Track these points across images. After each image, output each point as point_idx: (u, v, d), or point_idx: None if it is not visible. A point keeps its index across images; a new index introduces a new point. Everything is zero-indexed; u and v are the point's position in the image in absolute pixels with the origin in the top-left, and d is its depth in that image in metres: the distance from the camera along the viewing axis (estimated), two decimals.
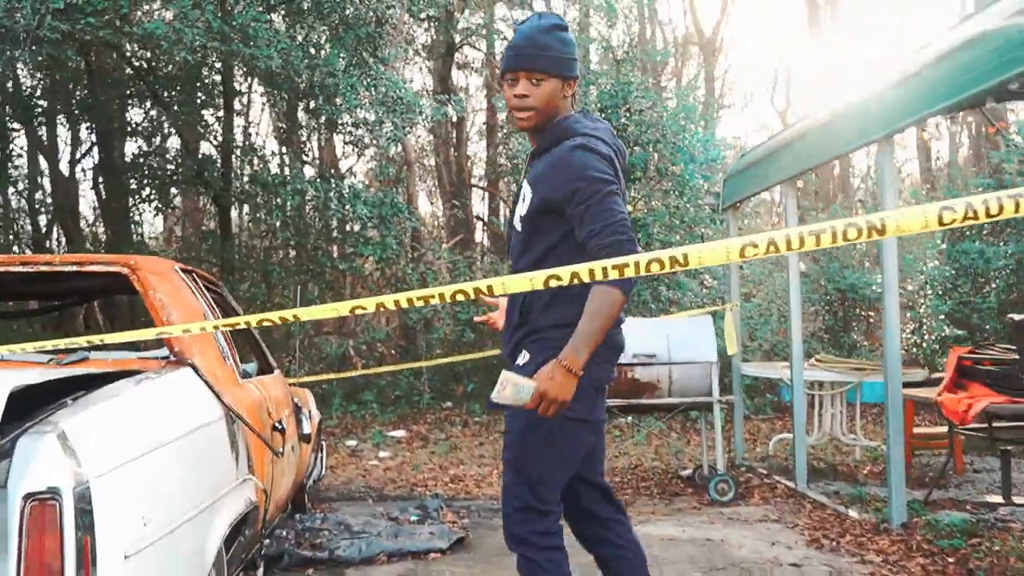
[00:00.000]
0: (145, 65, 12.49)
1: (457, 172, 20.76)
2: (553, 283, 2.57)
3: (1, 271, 3.71)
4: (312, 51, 11.36)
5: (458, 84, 22.68)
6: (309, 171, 15.65)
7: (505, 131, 20.56)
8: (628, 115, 13.42)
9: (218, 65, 12.61)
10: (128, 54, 11.93)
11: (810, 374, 7.69)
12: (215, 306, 4.55)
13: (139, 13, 10.93)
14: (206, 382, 3.51)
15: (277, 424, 4.55)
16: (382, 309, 2.66)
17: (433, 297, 2.63)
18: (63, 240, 16.78)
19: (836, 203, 19.34)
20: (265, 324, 2.65)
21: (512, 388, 2.82)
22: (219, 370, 3.83)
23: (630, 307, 12.53)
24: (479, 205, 22.94)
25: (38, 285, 4.35)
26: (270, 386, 4.94)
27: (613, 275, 2.51)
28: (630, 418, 10.74)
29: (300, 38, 12.01)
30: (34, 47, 9.01)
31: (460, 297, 2.62)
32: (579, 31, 18.16)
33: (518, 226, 3.14)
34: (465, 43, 22.62)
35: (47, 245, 16.76)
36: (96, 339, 3.03)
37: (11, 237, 16.92)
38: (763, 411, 12.26)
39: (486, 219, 21.32)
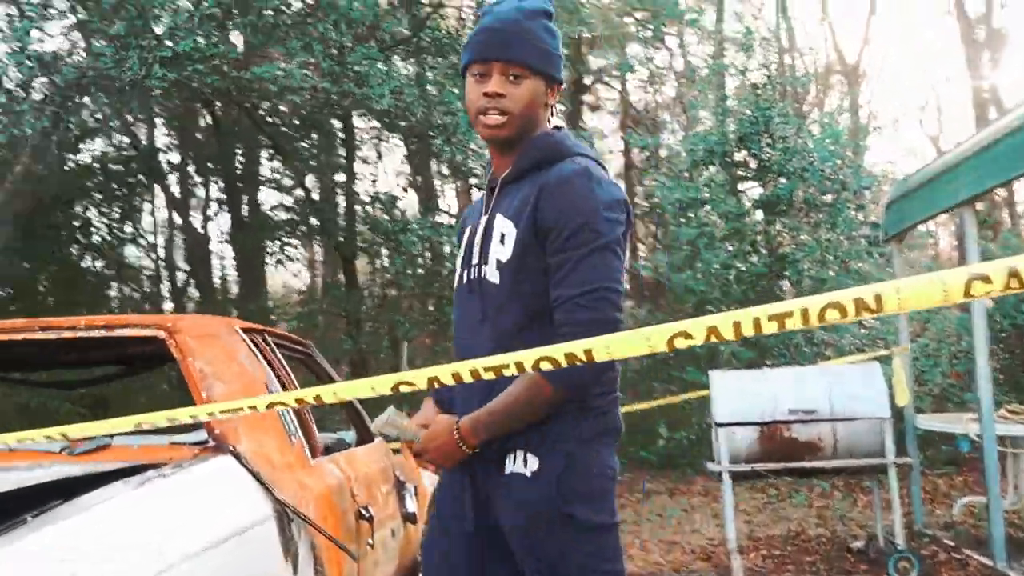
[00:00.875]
0: (265, 114, 12.24)
1: None
2: (681, 342, 1.77)
3: (20, 338, 3.11)
4: (430, 89, 10.84)
5: (591, 126, 22.05)
6: (444, 219, 15.19)
7: (641, 169, 19.81)
8: (771, 143, 12.44)
9: (339, 111, 12.26)
10: (249, 104, 11.68)
11: (1004, 428, 6.54)
12: (289, 372, 3.88)
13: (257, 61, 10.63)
14: (252, 472, 2.81)
15: (363, 511, 3.81)
16: (436, 385, 1.89)
17: (507, 367, 1.85)
18: (197, 297, 16.78)
19: (1005, 231, 17.75)
20: (278, 406, 1.92)
21: (393, 430, 2.40)
22: (277, 453, 3.12)
23: (783, 350, 11.46)
24: None
25: (68, 354, 3.75)
26: (360, 461, 4.21)
27: (770, 328, 1.75)
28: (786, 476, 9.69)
29: (429, 76, 11.56)
30: (142, 96, 8.76)
31: (547, 366, 1.84)
32: (712, 59, 17.30)
33: (493, 276, 2.28)
34: (596, 83, 22.06)
35: (183, 303, 16.77)
36: (113, 425, 2.37)
37: (162, 295, 17.01)
38: (937, 465, 10.95)
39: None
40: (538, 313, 2.22)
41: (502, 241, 2.26)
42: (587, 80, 20.92)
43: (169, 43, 8.77)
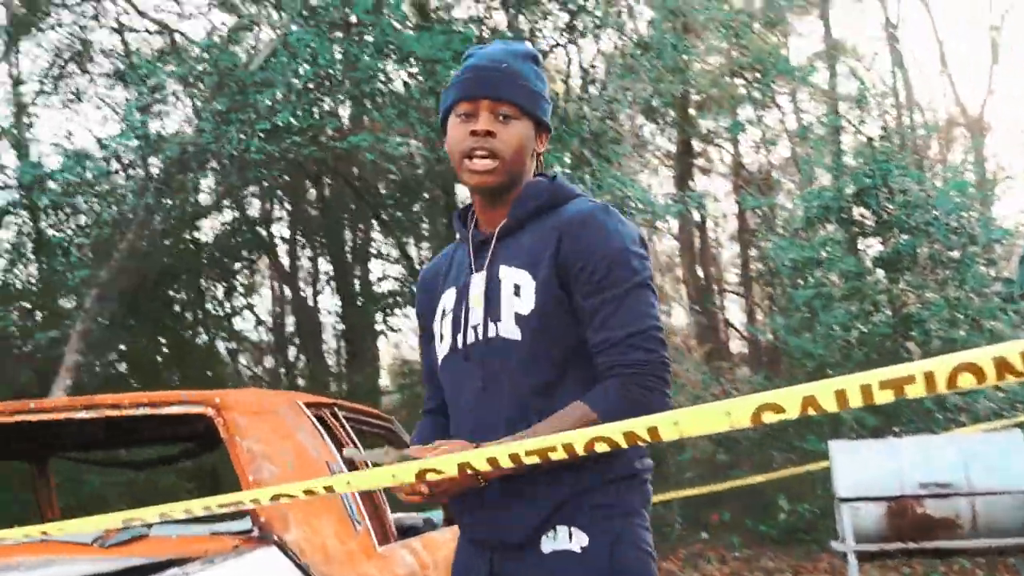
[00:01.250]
0: (367, 185, 12.28)
1: (704, 277, 19.58)
2: (770, 416, 1.43)
3: (61, 417, 2.90)
4: None
5: (701, 188, 21.65)
6: None
7: (754, 231, 19.31)
8: (890, 198, 11.84)
9: (439, 180, 12.19)
10: (351, 175, 11.70)
11: None
12: (360, 450, 3.59)
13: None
14: (300, 565, 2.51)
15: None
16: (469, 472, 1.57)
17: (555, 450, 1.52)
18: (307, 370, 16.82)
19: None
20: (284, 499, 1.62)
21: (368, 455, 1.89)
22: (334, 541, 2.82)
23: (912, 416, 10.74)
24: (736, 314, 21.74)
25: (117, 433, 3.54)
26: (443, 545, 3.88)
27: (884, 397, 1.49)
28: None
29: None
30: (241, 170, 8.80)
31: (602, 447, 1.50)
32: (825, 115, 16.78)
33: (511, 333, 2.00)
34: (707, 144, 21.73)
35: (293, 377, 16.83)
36: (156, 512, 2.11)
37: (281, 370, 17.11)
38: None
39: (739, 327, 19.93)
40: (570, 365, 2.00)
41: (517, 293, 2.03)
42: (695, 142, 20.57)
43: (267, 117, 8.80)
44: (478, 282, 2.10)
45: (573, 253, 1.99)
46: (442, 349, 2.15)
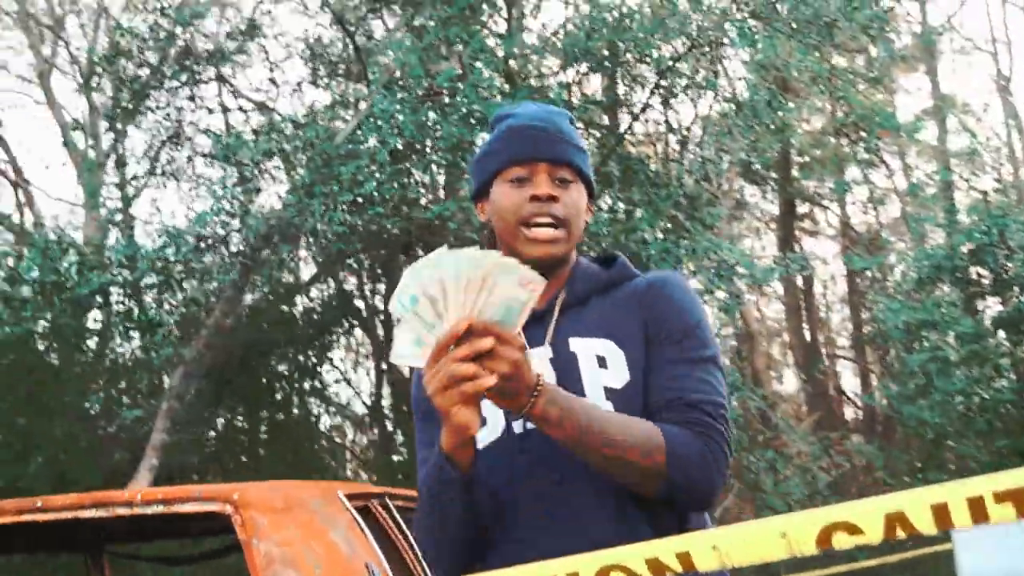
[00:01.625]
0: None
1: (811, 342, 18.88)
2: (842, 540, 1.09)
3: (68, 517, 2.64)
4: (621, 217, 10.37)
5: (810, 251, 21.03)
6: None
7: (864, 292, 18.61)
8: (1008, 254, 11.17)
9: None
10: (443, 246, 11.57)
11: None
12: (412, 544, 3.25)
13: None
14: None
15: None
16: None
17: None
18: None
19: None
20: None
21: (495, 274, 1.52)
22: None
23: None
24: (849, 380, 20.93)
25: (131, 530, 3.27)
26: None
27: (1002, 514, 1.12)
28: None
29: (620, 205, 11.15)
30: (324, 243, 8.71)
31: None
32: (936, 173, 16.15)
33: (603, 403, 1.72)
34: (813, 206, 21.20)
35: (391, 451, 16.68)
36: None
37: (377, 443, 17.01)
38: None
39: (851, 393, 19.12)
40: None
41: (602, 365, 1.79)
42: (799, 203, 20.04)
43: (350, 189, 8.71)
44: (541, 356, 1.82)
45: (651, 321, 1.84)
46: (485, 435, 1.78)
